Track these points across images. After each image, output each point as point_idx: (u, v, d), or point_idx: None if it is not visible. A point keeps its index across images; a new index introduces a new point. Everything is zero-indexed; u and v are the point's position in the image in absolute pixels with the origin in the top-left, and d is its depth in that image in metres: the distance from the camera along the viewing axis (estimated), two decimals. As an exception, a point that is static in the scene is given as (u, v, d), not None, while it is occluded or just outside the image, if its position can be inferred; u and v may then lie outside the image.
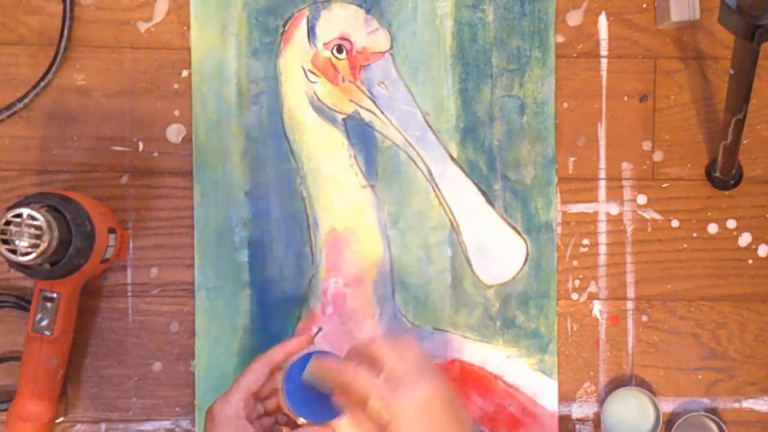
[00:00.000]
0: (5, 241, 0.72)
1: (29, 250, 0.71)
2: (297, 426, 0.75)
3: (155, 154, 0.85)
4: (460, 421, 0.68)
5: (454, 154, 0.86)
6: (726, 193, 0.87)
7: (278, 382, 0.75)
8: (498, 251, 0.86)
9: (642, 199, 0.87)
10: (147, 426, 0.86)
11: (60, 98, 0.85)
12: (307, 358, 0.75)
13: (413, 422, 0.66)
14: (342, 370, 0.70)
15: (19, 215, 0.72)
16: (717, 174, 0.86)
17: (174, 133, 0.85)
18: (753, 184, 0.87)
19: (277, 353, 0.75)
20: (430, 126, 0.85)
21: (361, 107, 0.85)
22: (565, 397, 0.86)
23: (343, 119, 0.85)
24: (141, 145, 0.85)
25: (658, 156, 0.87)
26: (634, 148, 0.87)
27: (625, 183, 0.87)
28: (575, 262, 0.87)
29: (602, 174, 0.87)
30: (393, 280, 0.85)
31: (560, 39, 0.87)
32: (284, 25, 0.85)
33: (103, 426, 0.85)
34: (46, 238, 0.72)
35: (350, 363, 0.70)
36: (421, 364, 0.69)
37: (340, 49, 0.85)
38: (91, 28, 0.85)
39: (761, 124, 0.88)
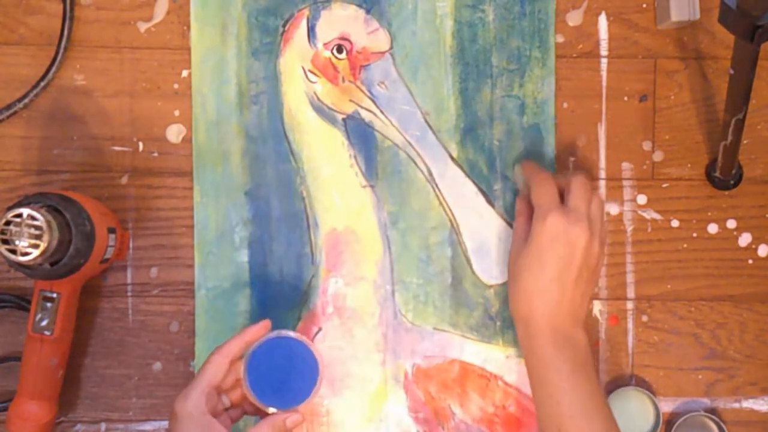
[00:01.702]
0: (5, 241, 0.72)
1: (29, 250, 0.71)
2: (266, 415, 0.75)
3: (155, 154, 0.85)
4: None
5: (454, 154, 0.86)
6: (726, 193, 0.87)
7: (240, 373, 0.75)
8: (498, 251, 0.86)
9: (642, 199, 0.87)
10: (147, 426, 0.86)
11: (60, 98, 0.85)
12: (266, 345, 0.75)
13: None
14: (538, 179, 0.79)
15: (19, 215, 0.72)
16: (717, 174, 0.86)
17: (174, 133, 0.85)
18: (753, 184, 0.87)
19: (235, 344, 0.75)
20: (430, 126, 0.85)
21: (361, 107, 0.85)
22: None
23: (343, 119, 0.85)
24: (141, 145, 0.85)
25: (658, 156, 0.87)
26: (634, 148, 0.87)
27: (625, 183, 0.87)
28: (575, 262, 0.87)
29: (602, 174, 0.87)
30: (393, 280, 0.85)
31: (560, 39, 0.87)
32: (284, 25, 0.85)
33: (103, 426, 0.85)
34: (46, 238, 0.72)
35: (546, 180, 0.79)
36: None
37: (340, 49, 0.85)
38: (91, 28, 0.85)
39: (761, 124, 0.88)
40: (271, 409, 0.75)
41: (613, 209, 0.87)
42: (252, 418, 0.78)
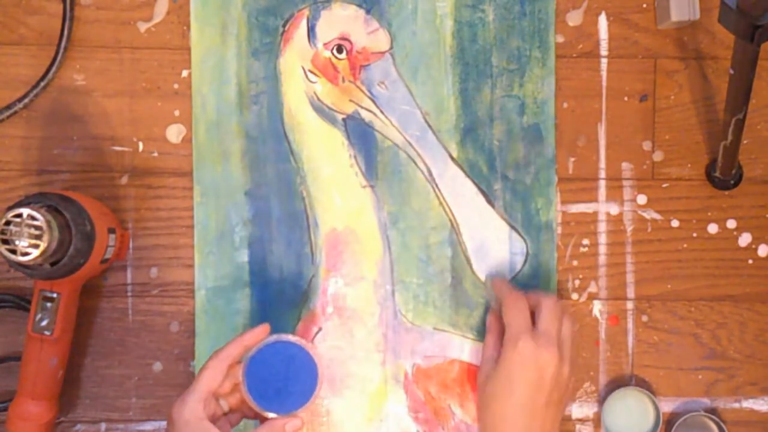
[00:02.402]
0: (5, 241, 0.72)
1: (29, 250, 0.71)
2: (265, 419, 0.75)
3: (155, 154, 0.85)
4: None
5: (454, 154, 0.86)
6: (726, 193, 0.87)
7: (239, 377, 0.75)
8: (498, 251, 0.86)
9: (642, 199, 0.87)
10: (147, 426, 0.86)
11: (60, 98, 0.85)
12: (265, 350, 0.75)
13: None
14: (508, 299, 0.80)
15: (19, 215, 0.72)
16: (717, 174, 0.86)
17: (174, 133, 0.85)
18: (753, 184, 0.87)
19: (233, 348, 0.75)
20: (430, 126, 0.85)
21: (361, 107, 0.85)
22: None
23: (343, 119, 0.85)
24: (141, 145, 0.85)
25: (658, 156, 0.87)
26: (634, 148, 0.87)
27: (625, 183, 0.87)
28: (575, 262, 0.87)
29: (602, 174, 0.87)
30: (393, 280, 0.85)
31: (560, 39, 0.87)
32: (284, 25, 0.85)
33: (103, 426, 0.85)
34: (46, 238, 0.72)
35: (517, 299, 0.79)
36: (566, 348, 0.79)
37: (340, 49, 0.85)
38: (91, 28, 0.85)
39: (761, 124, 0.88)
40: (271, 414, 0.75)
41: (613, 209, 0.87)
42: (252, 421, 0.78)
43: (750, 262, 0.88)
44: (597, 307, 0.87)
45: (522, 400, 0.76)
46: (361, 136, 0.85)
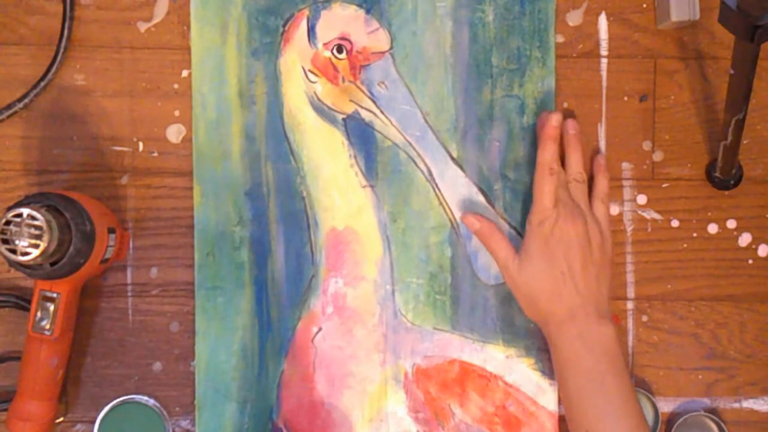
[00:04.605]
0: (5, 241, 0.72)
1: (29, 250, 0.72)
2: None
3: (155, 154, 0.85)
4: None
5: (454, 154, 0.86)
6: (726, 193, 0.87)
7: None
8: (498, 251, 0.85)
9: (642, 199, 0.87)
10: (147, 426, 0.86)
11: (60, 98, 0.85)
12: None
13: None
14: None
15: (19, 215, 0.72)
16: (717, 174, 0.86)
17: (174, 133, 0.85)
18: (753, 184, 0.87)
19: None
20: (430, 126, 0.85)
21: (361, 107, 0.85)
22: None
23: (343, 119, 0.85)
24: (141, 145, 0.85)
25: (658, 156, 0.87)
26: (634, 148, 0.87)
27: (625, 183, 0.87)
28: (575, 262, 0.87)
29: (602, 174, 0.87)
30: (393, 279, 0.85)
31: (560, 39, 0.87)
32: (284, 25, 0.85)
33: (103, 426, 0.85)
34: (46, 238, 0.72)
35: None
36: None
37: (340, 49, 0.85)
38: (91, 28, 0.85)
39: (761, 124, 0.88)
40: None
41: (613, 209, 0.87)
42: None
43: (750, 262, 0.88)
44: (597, 307, 0.87)
45: (557, 270, 0.78)
46: (361, 136, 0.85)
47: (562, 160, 0.83)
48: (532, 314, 0.81)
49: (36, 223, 0.72)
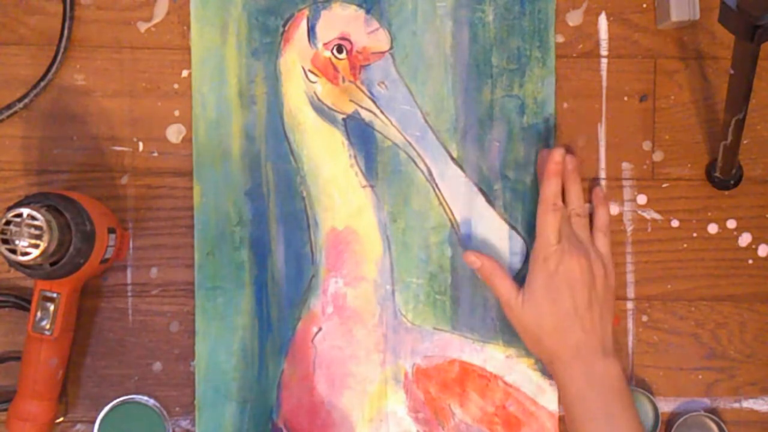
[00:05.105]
0: (5, 241, 0.72)
1: (29, 250, 0.72)
2: None
3: (155, 154, 0.85)
4: None
5: (454, 154, 0.86)
6: (726, 193, 0.87)
7: None
8: (498, 251, 0.85)
9: (642, 199, 0.87)
10: (147, 426, 0.86)
11: (60, 98, 0.85)
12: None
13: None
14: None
15: (19, 215, 0.72)
16: (717, 174, 0.86)
17: (174, 133, 0.85)
18: (753, 184, 0.87)
19: None
20: (430, 126, 0.85)
21: (361, 107, 0.85)
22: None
23: (343, 119, 0.85)
24: (141, 145, 0.85)
25: (658, 156, 0.87)
26: (634, 148, 0.87)
27: (625, 183, 0.87)
28: (575, 262, 0.87)
29: (602, 174, 0.87)
30: (393, 279, 0.85)
31: (560, 39, 0.87)
32: (284, 25, 0.85)
33: (103, 426, 0.85)
34: (46, 238, 0.72)
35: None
36: None
37: (340, 49, 0.85)
38: (91, 28, 0.85)
39: (761, 124, 0.88)
40: None
41: (613, 209, 0.87)
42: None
43: (750, 262, 0.88)
44: (597, 307, 0.87)
45: (563, 308, 0.78)
46: (361, 136, 0.85)
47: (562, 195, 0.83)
48: (536, 352, 0.81)
49: (36, 223, 0.72)
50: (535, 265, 0.80)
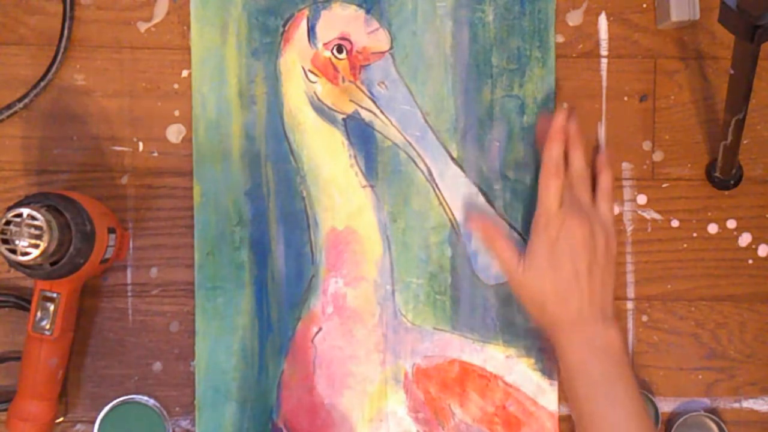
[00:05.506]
0: (5, 241, 0.72)
1: (29, 250, 0.71)
2: None
3: (155, 154, 0.85)
4: None
5: (454, 154, 0.86)
6: (726, 193, 0.87)
7: None
8: (498, 251, 0.85)
9: (642, 199, 0.87)
10: (147, 426, 0.86)
11: (60, 98, 0.85)
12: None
13: None
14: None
15: (19, 215, 0.72)
16: (717, 174, 0.86)
17: (174, 133, 0.85)
18: (753, 184, 0.87)
19: None
20: (430, 126, 0.85)
21: (361, 107, 0.85)
22: (565, 397, 0.86)
23: (343, 119, 0.85)
24: (141, 145, 0.85)
25: (658, 156, 0.87)
26: (634, 148, 0.87)
27: (625, 183, 0.87)
28: (575, 262, 0.87)
29: (602, 174, 0.87)
30: (393, 279, 0.85)
31: (560, 39, 0.87)
32: (284, 25, 0.85)
33: (103, 426, 0.85)
34: (46, 238, 0.72)
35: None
36: None
37: (340, 49, 0.85)
38: (91, 28, 0.85)
39: (761, 124, 0.88)
40: None
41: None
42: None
43: (750, 262, 0.88)
44: (597, 307, 0.87)
45: (564, 274, 0.78)
46: (361, 136, 0.85)
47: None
48: (537, 318, 0.81)
49: (36, 223, 0.72)
50: (537, 231, 0.79)
